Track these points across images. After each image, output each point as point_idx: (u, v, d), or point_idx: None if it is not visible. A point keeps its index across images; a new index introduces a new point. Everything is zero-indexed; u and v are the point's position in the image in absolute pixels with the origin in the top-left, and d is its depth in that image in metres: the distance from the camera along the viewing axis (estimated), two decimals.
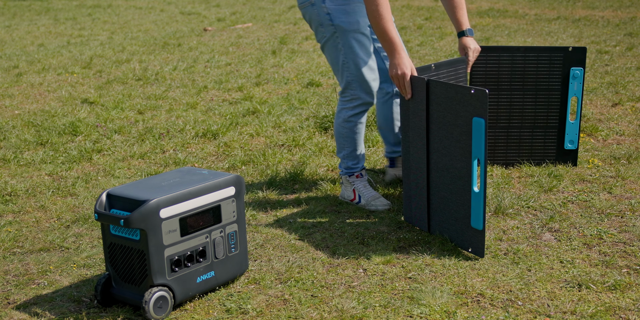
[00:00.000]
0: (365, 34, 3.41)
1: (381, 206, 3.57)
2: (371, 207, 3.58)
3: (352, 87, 3.47)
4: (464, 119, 2.93)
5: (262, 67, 7.28)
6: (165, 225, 2.56)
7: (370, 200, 3.59)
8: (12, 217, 3.64)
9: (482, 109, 2.83)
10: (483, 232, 2.92)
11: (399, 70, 3.16)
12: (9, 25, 11.67)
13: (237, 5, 13.58)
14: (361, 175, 3.65)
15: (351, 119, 3.55)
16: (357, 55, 3.40)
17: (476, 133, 2.88)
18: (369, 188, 3.64)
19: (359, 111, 3.53)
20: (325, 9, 3.36)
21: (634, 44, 7.69)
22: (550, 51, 3.89)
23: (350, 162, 3.65)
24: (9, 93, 6.43)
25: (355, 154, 3.64)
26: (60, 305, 2.73)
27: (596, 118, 4.93)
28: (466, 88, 2.90)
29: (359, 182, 3.64)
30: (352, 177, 3.65)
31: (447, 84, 2.99)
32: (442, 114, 3.04)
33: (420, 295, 2.68)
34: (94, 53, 8.47)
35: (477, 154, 2.90)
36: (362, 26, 3.39)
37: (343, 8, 3.35)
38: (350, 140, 3.60)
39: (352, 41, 3.38)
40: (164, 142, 4.79)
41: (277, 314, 2.61)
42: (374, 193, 3.63)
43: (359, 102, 3.50)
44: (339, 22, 3.35)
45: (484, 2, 12.25)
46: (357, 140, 3.61)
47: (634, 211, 3.42)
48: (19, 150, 4.68)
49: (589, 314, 2.52)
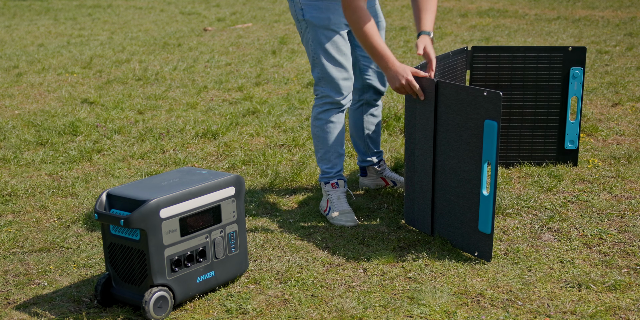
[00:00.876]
0: (336, 31, 3.34)
1: (346, 222, 3.39)
2: (336, 222, 3.42)
3: (321, 84, 3.42)
4: (475, 122, 2.89)
5: (262, 67, 7.28)
6: (165, 225, 2.56)
7: (339, 215, 3.43)
8: (12, 217, 3.64)
9: (496, 112, 2.79)
10: (491, 236, 2.91)
11: (400, 81, 3.08)
12: (9, 25, 11.67)
13: (237, 5, 13.58)
14: (337, 185, 3.51)
15: (320, 117, 3.46)
16: (326, 51, 3.34)
17: (488, 136, 2.85)
18: (342, 201, 3.48)
19: (327, 109, 3.44)
20: (299, 4, 3.35)
21: (634, 44, 7.69)
22: (550, 51, 3.89)
23: (324, 165, 3.53)
24: (9, 93, 6.43)
25: (328, 157, 3.51)
26: (60, 305, 2.73)
27: (596, 118, 4.93)
28: (479, 90, 2.85)
29: (334, 194, 3.50)
30: (327, 185, 3.53)
31: (458, 85, 2.95)
32: (451, 116, 3.01)
33: (420, 295, 2.68)
34: (94, 53, 8.47)
35: (488, 157, 2.87)
36: (334, 23, 3.32)
37: (315, 3, 3.30)
38: (322, 140, 3.50)
39: (322, 37, 3.33)
40: (164, 142, 4.79)
41: (277, 314, 2.61)
42: (345, 207, 3.45)
43: (327, 100, 3.43)
44: (309, 17, 3.32)
45: (484, 2, 12.25)
46: (329, 141, 3.49)
47: (634, 211, 3.42)
48: (19, 150, 4.68)
49: (589, 314, 2.52)
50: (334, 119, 3.46)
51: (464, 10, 11.28)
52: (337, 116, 3.46)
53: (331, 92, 3.40)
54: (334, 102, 3.42)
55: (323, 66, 3.37)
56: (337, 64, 3.36)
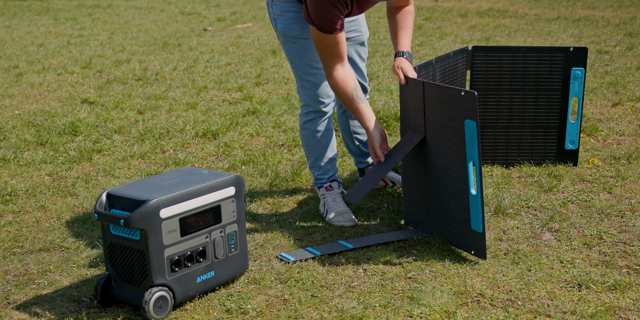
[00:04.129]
0: (309, 39, 3.26)
1: (344, 222, 3.40)
2: (335, 223, 3.42)
3: (301, 93, 3.41)
4: (457, 121, 2.91)
5: (262, 67, 7.28)
6: (165, 225, 2.56)
7: (336, 215, 3.43)
8: (12, 217, 3.64)
9: (473, 111, 2.81)
10: (483, 234, 2.91)
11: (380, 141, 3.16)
12: (9, 25, 11.67)
13: (237, 5, 13.58)
14: (330, 187, 3.52)
15: (305, 126, 3.46)
16: (301, 60, 3.31)
17: (469, 135, 2.86)
18: (339, 202, 3.49)
19: (311, 118, 3.43)
20: (273, 15, 3.33)
21: (634, 44, 7.69)
22: (551, 51, 3.89)
23: (316, 172, 3.54)
24: (9, 93, 6.43)
25: (319, 164, 3.51)
26: (60, 305, 2.73)
27: (596, 118, 4.93)
28: (457, 90, 2.87)
29: (329, 196, 3.50)
30: (321, 189, 3.54)
31: (440, 85, 2.96)
32: (437, 116, 3.02)
33: (420, 295, 2.68)
34: (94, 53, 8.47)
35: (472, 156, 2.88)
36: (306, 32, 3.26)
37: (287, 14, 3.27)
38: (311, 149, 3.50)
39: (295, 47, 3.30)
40: (164, 142, 4.79)
41: (277, 314, 2.61)
42: (342, 208, 3.46)
43: (310, 109, 3.42)
44: (280, 28, 3.30)
45: (484, 2, 12.25)
46: (318, 148, 3.48)
47: (634, 211, 3.42)
48: (19, 150, 4.68)
49: (589, 314, 2.52)
50: (320, 128, 3.44)
51: (464, 10, 11.28)
52: (322, 124, 3.44)
53: (310, 100, 3.39)
54: (316, 110, 3.41)
55: (299, 74, 3.35)
56: (312, 71, 3.32)
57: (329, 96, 3.40)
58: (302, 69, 3.33)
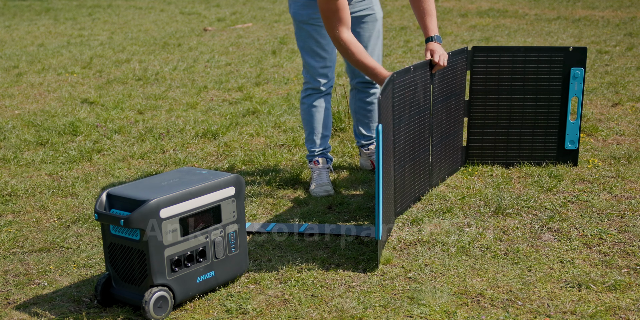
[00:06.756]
0: (315, 25, 3.64)
1: (320, 193, 3.73)
2: (313, 194, 3.75)
3: (304, 71, 3.80)
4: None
5: (262, 67, 7.28)
6: (165, 225, 2.56)
7: (316, 186, 3.77)
8: (12, 217, 3.64)
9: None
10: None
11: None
12: (9, 25, 11.67)
13: (237, 5, 13.58)
14: (317, 162, 3.85)
15: (304, 101, 3.84)
16: (306, 43, 3.71)
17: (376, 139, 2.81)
18: (322, 176, 3.81)
19: (309, 93, 3.81)
20: (288, 0, 3.75)
21: (634, 44, 7.69)
22: (551, 51, 3.89)
23: (309, 145, 3.89)
24: (9, 93, 6.43)
25: (311, 138, 3.87)
26: (60, 305, 2.73)
27: (596, 118, 4.93)
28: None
29: (316, 170, 3.85)
30: (310, 163, 3.88)
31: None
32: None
33: (420, 295, 2.68)
34: (94, 53, 8.47)
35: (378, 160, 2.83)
36: (313, 18, 3.63)
37: (299, 1, 3.65)
38: (307, 122, 3.85)
39: (302, 30, 3.70)
40: (164, 142, 4.79)
41: (277, 314, 2.61)
42: (323, 181, 3.79)
43: (309, 86, 3.80)
44: (292, 12, 3.72)
45: (484, 2, 12.25)
46: (312, 123, 3.84)
47: (634, 211, 3.42)
48: (19, 150, 4.68)
49: (589, 314, 2.52)
50: (316, 104, 3.82)
51: (464, 10, 11.28)
52: (319, 101, 3.82)
53: (310, 78, 3.79)
54: (314, 88, 3.79)
55: (303, 55, 3.75)
56: (315, 54, 3.72)
57: (328, 77, 3.77)
58: (306, 52, 3.73)
